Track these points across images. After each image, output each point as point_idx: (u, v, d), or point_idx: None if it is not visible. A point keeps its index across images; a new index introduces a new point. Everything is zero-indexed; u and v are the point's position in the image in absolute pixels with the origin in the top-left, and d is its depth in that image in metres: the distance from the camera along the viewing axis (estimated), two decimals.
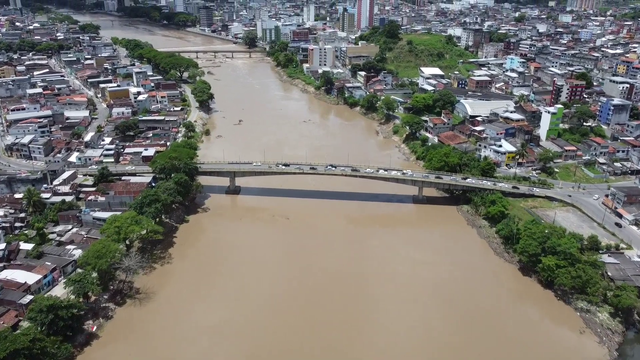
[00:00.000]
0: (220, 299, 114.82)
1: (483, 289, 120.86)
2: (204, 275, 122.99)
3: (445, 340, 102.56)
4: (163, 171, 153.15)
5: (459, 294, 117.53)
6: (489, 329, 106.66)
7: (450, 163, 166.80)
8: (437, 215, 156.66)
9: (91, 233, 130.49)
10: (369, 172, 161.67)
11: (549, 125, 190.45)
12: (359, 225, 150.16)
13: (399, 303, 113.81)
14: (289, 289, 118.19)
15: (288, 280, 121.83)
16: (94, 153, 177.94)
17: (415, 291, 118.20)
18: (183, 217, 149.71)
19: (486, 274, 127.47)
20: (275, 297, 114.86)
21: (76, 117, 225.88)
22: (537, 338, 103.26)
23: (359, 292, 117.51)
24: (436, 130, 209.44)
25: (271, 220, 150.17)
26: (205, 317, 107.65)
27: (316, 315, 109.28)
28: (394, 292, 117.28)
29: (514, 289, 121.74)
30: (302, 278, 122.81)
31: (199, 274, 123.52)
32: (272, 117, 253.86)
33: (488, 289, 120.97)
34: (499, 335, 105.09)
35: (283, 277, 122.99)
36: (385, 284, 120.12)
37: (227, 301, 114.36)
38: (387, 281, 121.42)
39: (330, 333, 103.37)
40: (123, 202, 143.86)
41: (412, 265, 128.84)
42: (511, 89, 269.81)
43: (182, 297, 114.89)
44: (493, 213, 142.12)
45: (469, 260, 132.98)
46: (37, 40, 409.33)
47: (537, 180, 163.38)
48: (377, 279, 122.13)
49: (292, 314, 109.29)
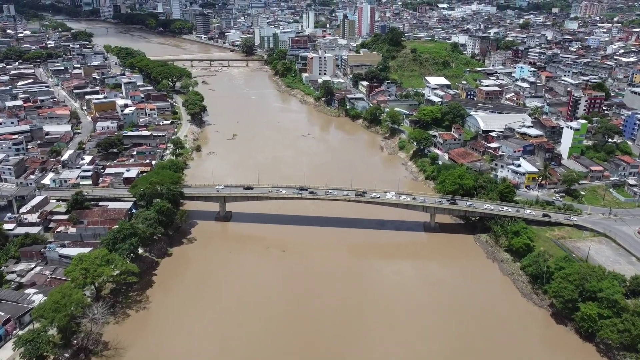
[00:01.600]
0: (205, 352, 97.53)
1: (509, 338, 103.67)
2: (185, 322, 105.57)
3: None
4: (143, 198, 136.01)
5: (480, 343, 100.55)
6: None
7: (465, 186, 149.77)
8: (451, 246, 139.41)
9: (57, 273, 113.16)
10: (375, 197, 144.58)
11: (572, 142, 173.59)
12: (363, 258, 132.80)
13: (408, 354, 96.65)
14: (283, 338, 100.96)
15: (282, 327, 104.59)
16: (71, 174, 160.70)
17: (428, 340, 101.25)
18: (165, 249, 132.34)
19: (512, 319, 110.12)
20: (267, 349, 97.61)
21: (57, 132, 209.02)
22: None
23: (361, 340, 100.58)
24: (446, 147, 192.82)
25: (265, 253, 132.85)
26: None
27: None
28: (402, 341, 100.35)
29: (546, 340, 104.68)
30: (298, 323, 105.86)
31: (180, 321, 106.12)
32: (269, 131, 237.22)
33: (515, 339, 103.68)
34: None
35: (277, 323, 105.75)
36: (393, 332, 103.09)
37: (212, 355, 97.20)
38: (395, 328, 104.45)
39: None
40: (97, 234, 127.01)
41: (424, 308, 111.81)
42: (523, 100, 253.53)
43: (160, 351, 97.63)
44: (517, 246, 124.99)
45: (491, 302, 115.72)
46: (25, 49, 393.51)
47: (562, 206, 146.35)
48: (383, 325, 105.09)
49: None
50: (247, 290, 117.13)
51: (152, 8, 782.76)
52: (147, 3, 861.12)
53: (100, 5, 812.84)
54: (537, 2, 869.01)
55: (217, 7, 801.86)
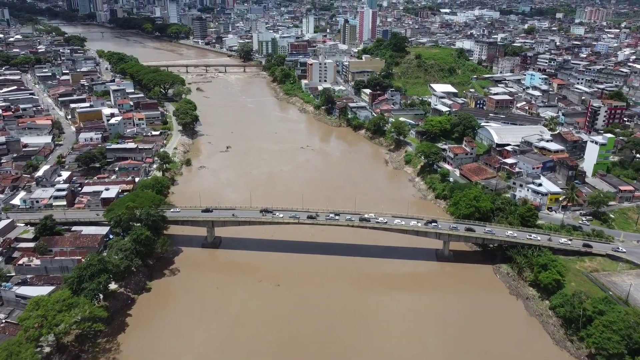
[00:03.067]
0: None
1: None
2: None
3: None
4: (119, 224, 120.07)
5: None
6: None
7: (482, 209, 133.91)
8: (468, 278, 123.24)
9: (13, 316, 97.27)
10: (381, 222, 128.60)
11: (597, 159, 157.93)
12: (368, 292, 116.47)
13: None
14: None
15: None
16: (43, 193, 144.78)
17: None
18: (144, 283, 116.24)
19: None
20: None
21: (36, 144, 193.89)
22: None
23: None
24: (457, 162, 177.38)
25: (257, 288, 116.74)
26: None
27: None
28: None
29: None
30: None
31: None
32: (266, 143, 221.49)
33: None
34: None
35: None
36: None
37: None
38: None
39: None
40: (65, 267, 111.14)
41: (438, 354, 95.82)
42: (536, 110, 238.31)
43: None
44: (546, 283, 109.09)
45: (517, 348, 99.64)
46: (14, 53, 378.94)
47: (591, 232, 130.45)
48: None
49: None
50: (234, 334, 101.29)
51: (149, 12, 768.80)
52: (145, 8, 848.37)
53: (97, 10, 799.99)
54: (540, 7, 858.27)
55: (215, 11, 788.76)
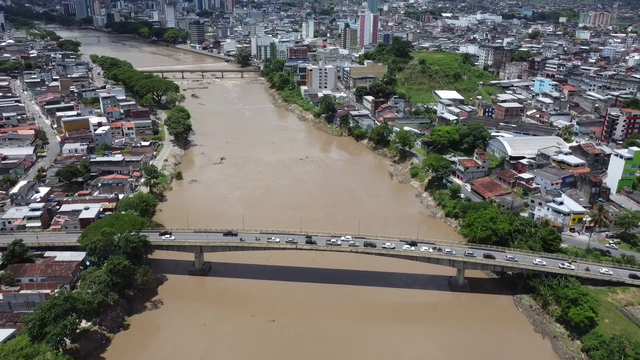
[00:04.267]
0: None
1: None
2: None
3: None
4: (94, 252, 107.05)
5: None
6: None
7: (499, 232, 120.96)
8: (486, 312, 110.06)
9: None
10: (388, 247, 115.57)
11: (622, 174, 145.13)
12: (374, 326, 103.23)
13: None
14: None
15: None
16: (16, 213, 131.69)
17: None
18: (122, 319, 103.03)
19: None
20: None
21: (16, 156, 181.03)
22: None
23: None
24: (467, 176, 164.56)
25: (249, 325, 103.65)
26: None
27: None
28: None
29: None
30: None
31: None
32: (263, 153, 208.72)
33: None
34: None
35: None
36: None
37: None
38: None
39: None
40: (31, 303, 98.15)
41: None
42: (548, 118, 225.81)
43: None
44: (577, 321, 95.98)
45: None
46: (4, 58, 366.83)
47: (621, 258, 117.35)
48: None
49: None
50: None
51: (147, 17, 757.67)
52: (143, 12, 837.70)
53: (94, 14, 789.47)
54: (543, 11, 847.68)
55: (214, 15, 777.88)
